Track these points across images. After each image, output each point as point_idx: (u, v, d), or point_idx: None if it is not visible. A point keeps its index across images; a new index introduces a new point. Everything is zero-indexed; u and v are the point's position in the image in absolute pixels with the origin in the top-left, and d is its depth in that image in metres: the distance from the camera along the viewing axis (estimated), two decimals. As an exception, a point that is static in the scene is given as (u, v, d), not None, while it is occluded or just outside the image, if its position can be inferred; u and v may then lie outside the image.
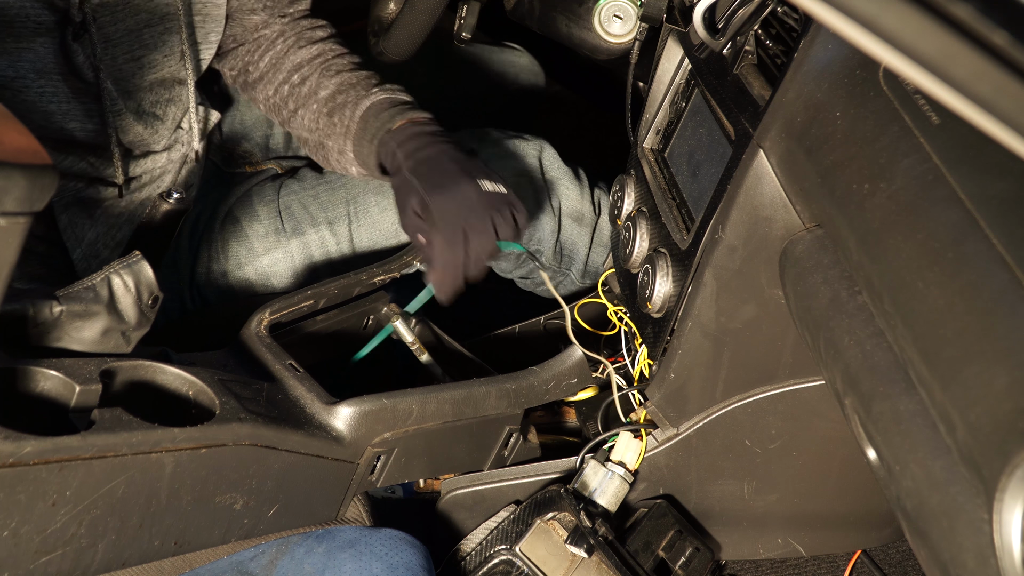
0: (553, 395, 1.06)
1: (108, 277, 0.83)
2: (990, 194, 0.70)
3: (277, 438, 0.86)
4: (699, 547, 1.21)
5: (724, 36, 1.00)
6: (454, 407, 1.00)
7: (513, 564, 1.14)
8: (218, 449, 0.82)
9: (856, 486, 1.26)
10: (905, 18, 0.49)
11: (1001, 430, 0.60)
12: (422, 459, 1.02)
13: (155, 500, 0.80)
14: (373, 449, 0.95)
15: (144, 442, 0.77)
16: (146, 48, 1.17)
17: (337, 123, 1.26)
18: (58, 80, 1.10)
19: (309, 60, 1.30)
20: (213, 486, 0.84)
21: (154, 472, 0.79)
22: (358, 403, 0.93)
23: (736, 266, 1.01)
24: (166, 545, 0.84)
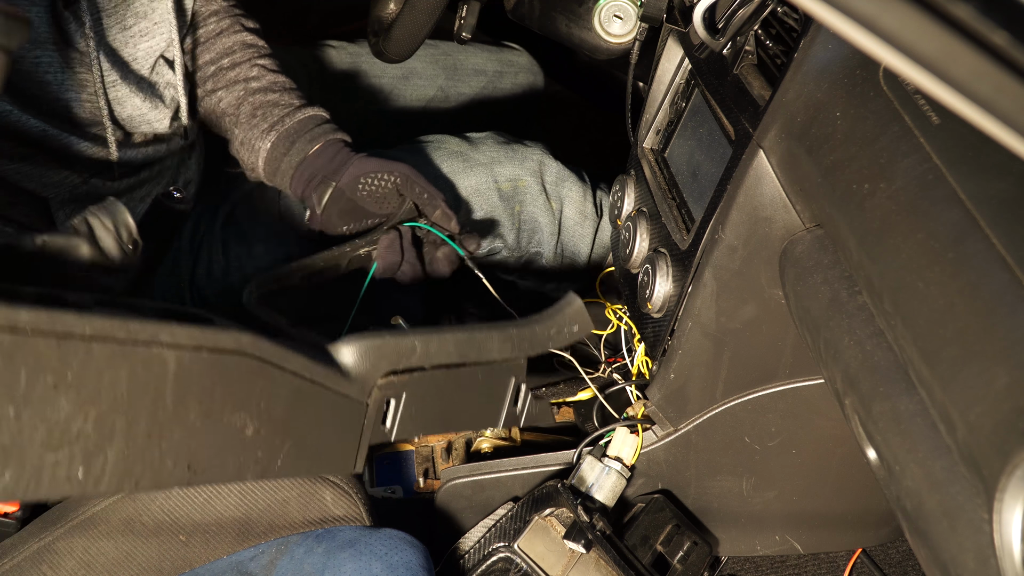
0: (556, 342, 1.06)
1: (85, 217, 0.84)
2: (990, 194, 0.70)
3: (280, 355, 0.86)
4: (697, 541, 1.21)
5: (724, 36, 1.00)
6: (457, 347, 1.00)
7: (512, 561, 1.14)
8: (221, 356, 0.81)
9: (855, 485, 1.26)
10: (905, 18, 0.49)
11: (1001, 430, 0.60)
12: (433, 409, 1.02)
13: (161, 405, 0.79)
14: (381, 391, 0.95)
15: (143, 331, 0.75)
16: (138, 16, 1.18)
17: (259, 118, 1.27)
18: (52, 50, 1.11)
19: (242, 47, 1.31)
20: (220, 400, 0.83)
21: (157, 369, 0.78)
22: (360, 337, 0.93)
23: (736, 266, 1.01)
24: (179, 468, 0.82)
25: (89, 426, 0.75)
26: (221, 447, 0.84)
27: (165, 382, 0.78)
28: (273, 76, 1.29)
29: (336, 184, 1.20)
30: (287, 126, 1.25)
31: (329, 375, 0.91)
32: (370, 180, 1.19)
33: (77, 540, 0.97)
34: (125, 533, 0.98)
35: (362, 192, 1.20)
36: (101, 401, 0.75)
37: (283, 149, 1.25)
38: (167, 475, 0.80)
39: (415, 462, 1.32)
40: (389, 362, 0.95)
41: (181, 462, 0.82)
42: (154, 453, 0.79)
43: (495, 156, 1.45)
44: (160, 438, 0.79)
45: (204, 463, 0.84)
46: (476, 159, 1.45)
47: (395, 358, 0.95)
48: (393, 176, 1.19)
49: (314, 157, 1.23)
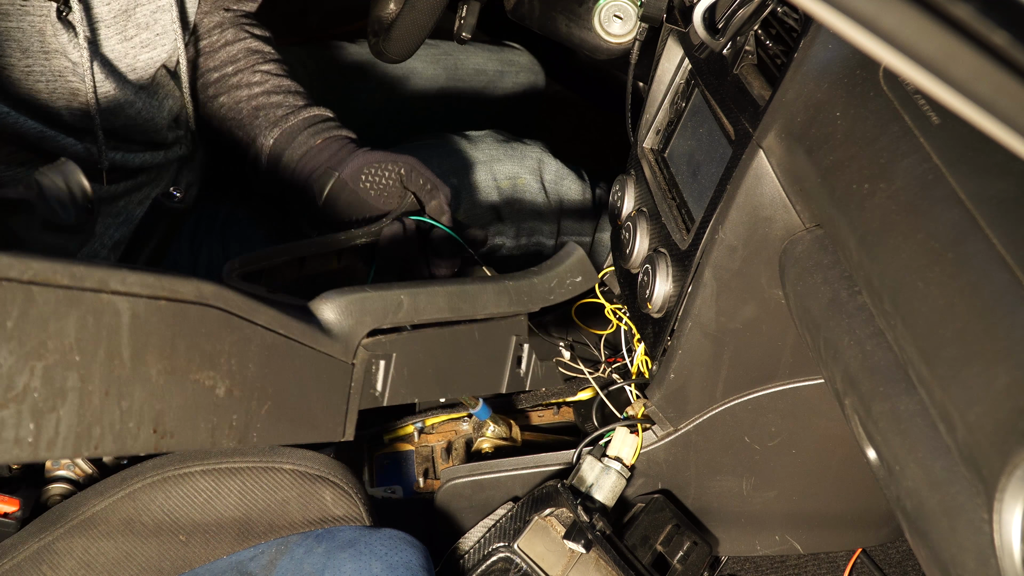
0: (558, 295, 1.01)
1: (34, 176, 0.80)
2: (990, 194, 0.70)
3: (248, 307, 0.79)
4: (697, 541, 1.21)
5: (724, 36, 1.00)
6: (448, 301, 0.93)
7: (512, 561, 1.14)
8: (180, 305, 0.74)
9: (855, 485, 1.26)
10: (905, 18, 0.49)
11: (1001, 430, 0.60)
12: (428, 371, 0.95)
13: (117, 360, 0.72)
14: (367, 351, 0.89)
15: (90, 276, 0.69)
16: (140, 27, 1.17)
17: (261, 118, 1.25)
18: (43, 59, 1.10)
19: (245, 54, 1.30)
20: (184, 356, 0.76)
21: (109, 319, 0.71)
22: (340, 292, 0.88)
23: (736, 266, 1.01)
24: (144, 431, 0.75)
25: (36, 381, 0.68)
26: (190, 409, 0.78)
27: (119, 333, 0.72)
28: (277, 80, 1.28)
29: (339, 175, 1.18)
30: (290, 123, 1.24)
31: (307, 331, 0.84)
32: (373, 171, 1.17)
33: (77, 540, 0.97)
34: (125, 533, 0.98)
35: (365, 184, 1.17)
36: (48, 353, 0.68)
37: (284, 144, 1.23)
38: (131, 438, 0.74)
39: (415, 462, 1.32)
40: (374, 318, 0.89)
41: (146, 424, 0.75)
42: (114, 414, 0.73)
43: (494, 154, 1.45)
44: (119, 397, 0.73)
45: (172, 426, 0.77)
46: (475, 157, 1.45)
47: (380, 314, 0.89)
48: (397, 167, 1.17)
49: (317, 151, 1.22)
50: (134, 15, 1.16)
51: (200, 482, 1.00)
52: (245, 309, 0.79)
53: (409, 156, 1.18)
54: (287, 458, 1.03)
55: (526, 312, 1.01)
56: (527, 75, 1.79)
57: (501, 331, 1.01)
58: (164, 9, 1.18)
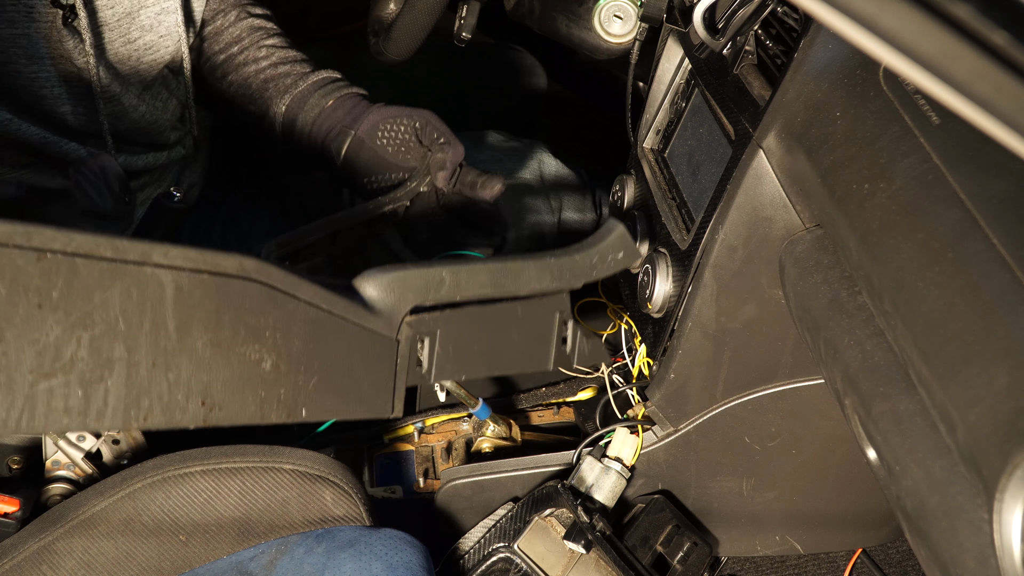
0: (600, 271, 1.00)
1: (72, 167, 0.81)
2: (990, 194, 0.70)
3: (290, 283, 0.80)
4: (697, 542, 1.21)
5: (724, 36, 1.00)
6: (490, 277, 0.93)
7: (512, 561, 1.14)
8: (224, 279, 0.76)
9: (855, 485, 1.26)
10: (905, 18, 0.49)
11: (1001, 430, 0.60)
12: (473, 348, 0.96)
13: (163, 332, 0.74)
14: (411, 328, 0.90)
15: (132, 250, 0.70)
16: (143, 30, 1.17)
17: (271, 90, 1.24)
18: (49, 65, 1.10)
19: (249, 32, 1.30)
20: (230, 328, 0.78)
21: (153, 291, 0.72)
22: (382, 270, 0.88)
23: (736, 266, 1.01)
24: (192, 403, 0.77)
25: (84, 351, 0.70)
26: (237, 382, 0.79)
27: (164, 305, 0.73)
28: (283, 52, 1.28)
29: (355, 133, 1.17)
30: (300, 88, 1.23)
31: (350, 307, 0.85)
32: (389, 126, 1.15)
33: (77, 540, 0.97)
34: (125, 533, 0.98)
35: (382, 140, 1.15)
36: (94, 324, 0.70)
37: (297, 110, 1.22)
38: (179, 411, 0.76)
39: (415, 462, 1.32)
40: (416, 294, 0.90)
41: (194, 397, 0.77)
42: (162, 385, 0.75)
43: (495, 154, 1.45)
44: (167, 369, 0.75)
45: (219, 399, 0.78)
46: (476, 157, 1.45)
47: (422, 290, 0.90)
48: (412, 120, 1.15)
49: (331, 110, 1.20)
50: (138, 18, 1.16)
51: (200, 482, 1.00)
52: (288, 284, 0.80)
53: (425, 110, 1.16)
54: (287, 458, 1.03)
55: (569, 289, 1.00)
56: (529, 76, 1.79)
57: (544, 308, 1.00)
58: (169, 11, 1.18)
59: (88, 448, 1.07)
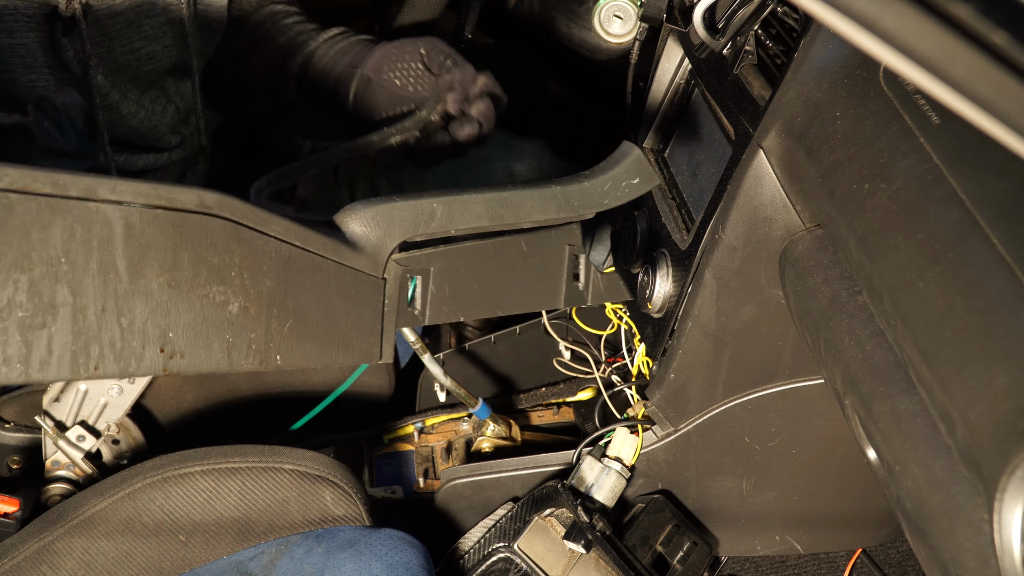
0: (612, 199, 0.93)
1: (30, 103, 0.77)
2: (990, 194, 0.70)
3: (258, 218, 0.73)
4: (697, 541, 1.21)
5: (724, 36, 1.00)
6: (488, 208, 0.85)
7: (512, 561, 1.14)
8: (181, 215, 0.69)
9: (855, 485, 1.26)
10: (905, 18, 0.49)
11: (1001, 430, 0.60)
12: (472, 287, 0.88)
13: (113, 273, 0.67)
14: (400, 266, 0.83)
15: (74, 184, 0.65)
16: (146, 39, 1.16)
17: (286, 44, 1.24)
18: (47, 74, 1.10)
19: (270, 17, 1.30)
20: (190, 269, 0.71)
21: (99, 229, 0.66)
22: (366, 203, 0.82)
23: (736, 266, 1.01)
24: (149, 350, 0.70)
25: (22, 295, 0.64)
26: (200, 326, 0.72)
27: (113, 245, 0.67)
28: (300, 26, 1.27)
29: (361, 72, 1.15)
30: (311, 46, 1.23)
31: (327, 244, 0.79)
32: (394, 59, 1.13)
33: (77, 540, 0.97)
34: (125, 533, 0.98)
35: (389, 75, 1.13)
36: (32, 266, 0.65)
37: (307, 63, 1.22)
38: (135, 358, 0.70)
39: (415, 462, 1.32)
40: (403, 229, 0.82)
41: (151, 343, 0.70)
42: (113, 331, 0.68)
43: (493, 151, 1.45)
44: (118, 313, 0.68)
45: (181, 345, 0.72)
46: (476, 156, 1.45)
47: (410, 224, 0.82)
48: (416, 47, 1.12)
49: (338, 56, 1.19)
50: (141, 27, 1.15)
51: (200, 482, 1.00)
52: (255, 219, 0.74)
53: (430, 37, 1.13)
54: (287, 458, 1.03)
55: (579, 219, 0.92)
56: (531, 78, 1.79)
57: (552, 241, 0.92)
58: (174, 22, 1.17)
59: (88, 448, 1.08)
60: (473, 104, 1.10)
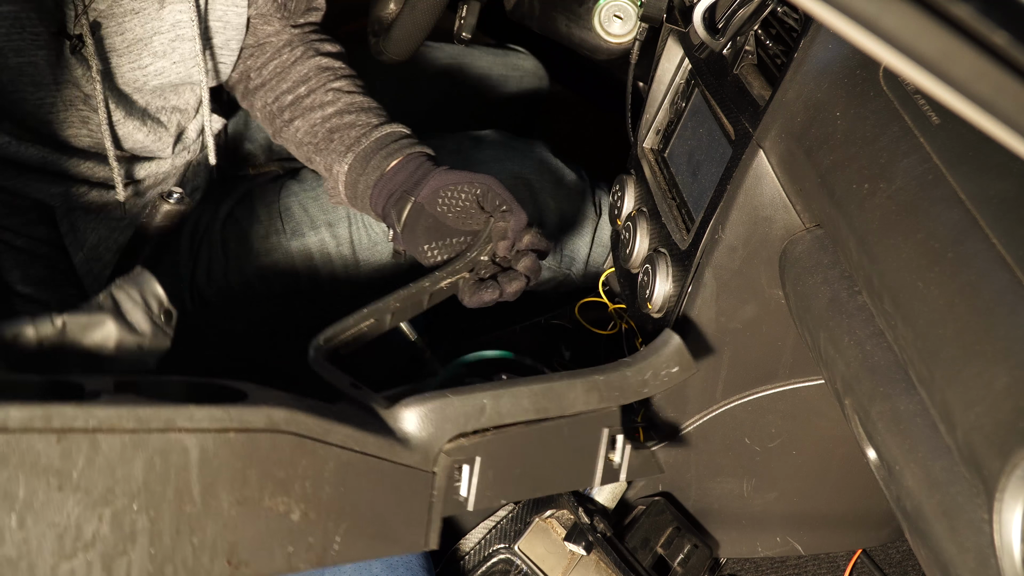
0: (652, 388, 0.97)
1: (110, 291, 0.78)
2: (990, 194, 0.70)
3: (322, 428, 0.77)
4: (697, 544, 1.21)
5: (724, 36, 1.00)
6: (533, 401, 0.90)
7: (512, 563, 1.14)
8: (250, 435, 0.73)
9: (856, 485, 1.26)
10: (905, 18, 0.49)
11: (1001, 430, 0.60)
12: (514, 471, 0.93)
13: (188, 497, 0.72)
14: (449, 457, 0.87)
15: (155, 417, 0.68)
16: (155, 56, 1.16)
17: (336, 141, 1.23)
18: (55, 91, 1.10)
19: (316, 72, 1.28)
20: (256, 485, 0.75)
21: (177, 458, 0.70)
22: (420, 400, 0.85)
23: (736, 266, 1.01)
24: (218, 564, 0.74)
25: (105, 528, 0.68)
26: (264, 536, 0.77)
27: (189, 471, 0.72)
28: (350, 97, 1.25)
29: (415, 199, 1.14)
30: (363, 146, 1.20)
31: (383, 445, 0.82)
32: (450, 193, 1.12)
33: None
34: None
35: (442, 207, 1.12)
36: (116, 499, 0.68)
37: (360, 169, 1.20)
38: (203, 573, 0.74)
39: (415, 462, 1.32)
40: (455, 425, 0.87)
41: (219, 557, 0.74)
42: (186, 550, 0.72)
43: (496, 154, 1.45)
44: (191, 533, 0.73)
45: (246, 555, 0.76)
46: (478, 157, 1.45)
47: (462, 420, 0.87)
48: (473, 188, 1.12)
49: (392, 173, 1.18)
50: (150, 44, 1.15)
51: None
52: (318, 431, 0.78)
53: (488, 176, 1.13)
54: None
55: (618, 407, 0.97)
56: (532, 79, 1.79)
57: (591, 424, 0.97)
58: (185, 39, 1.17)
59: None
60: (520, 260, 1.11)
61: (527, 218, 1.10)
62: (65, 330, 0.75)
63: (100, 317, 0.77)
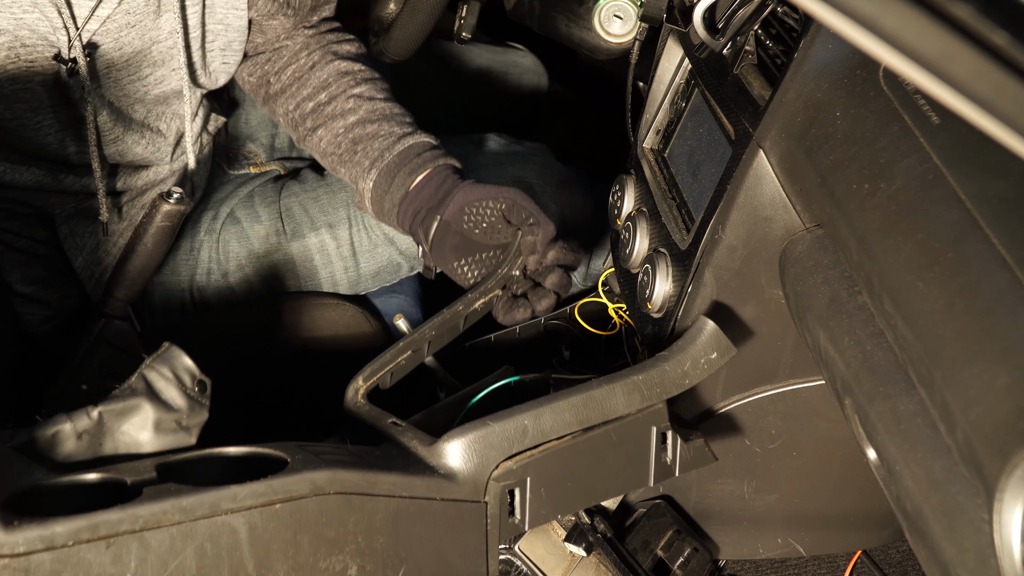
0: (693, 378, 0.97)
1: (141, 373, 0.78)
2: (990, 194, 0.70)
3: (367, 482, 0.78)
4: (697, 547, 1.21)
5: (724, 36, 1.00)
6: (575, 413, 0.90)
7: (512, 563, 1.14)
8: (297, 503, 0.73)
9: (856, 486, 1.26)
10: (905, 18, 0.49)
11: (1001, 430, 0.60)
12: (566, 484, 0.92)
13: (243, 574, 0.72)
14: (498, 483, 0.87)
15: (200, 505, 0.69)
16: (155, 65, 1.16)
17: (359, 154, 1.22)
18: (51, 116, 1.10)
19: (337, 77, 1.27)
20: (309, 550, 0.75)
21: (227, 539, 0.71)
22: (460, 433, 0.85)
23: (736, 266, 1.01)
24: None
25: None
26: None
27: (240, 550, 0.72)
28: (371, 104, 1.24)
29: (441, 217, 1.13)
30: (387, 161, 1.20)
31: (431, 485, 0.82)
32: (475, 210, 1.12)
33: None
34: None
35: (468, 224, 1.12)
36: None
37: (385, 186, 1.20)
38: None
39: (415, 463, 1.32)
40: (500, 451, 0.87)
41: None
42: None
43: (498, 157, 1.45)
44: None
45: None
46: (479, 160, 1.45)
47: (506, 445, 0.87)
48: (499, 203, 1.11)
49: (416, 190, 1.17)
50: (149, 53, 1.15)
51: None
52: (363, 484, 0.78)
53: (512, 189, 1.12)
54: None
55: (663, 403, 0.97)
56: (532, 76, 1.79)
57: (639, 425, 0.96)
58: (181, 46, 1.17)
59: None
60: (548, 276, 1.11)
61: (555, 229, 1.09)
62: (102, 420, 0.75)
63: (135, 402, 0.77)
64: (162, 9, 1.12)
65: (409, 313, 1.44)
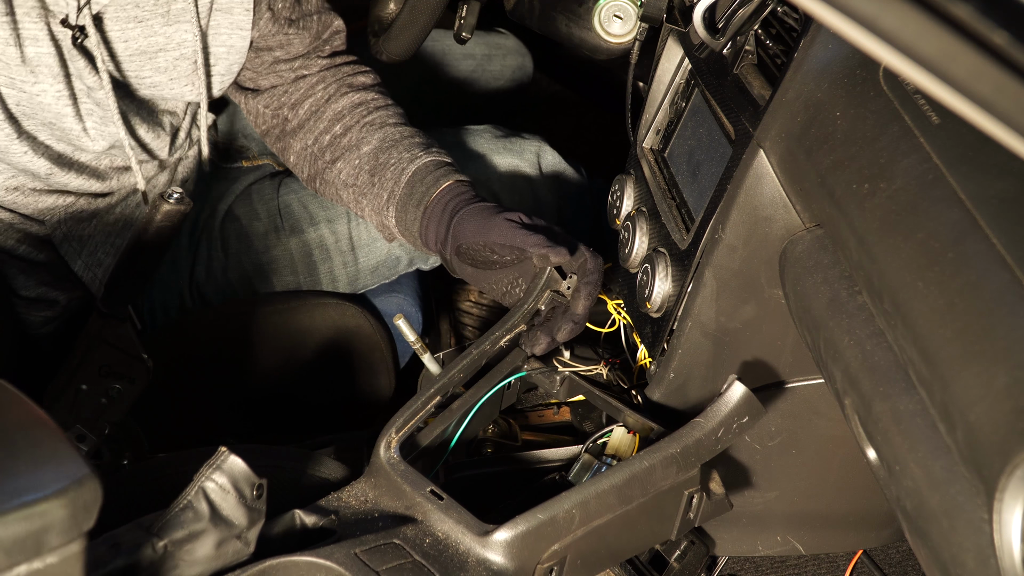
0: (725, 442, 0.99)
1: (201, 487, 0.78)
2: (990, 194, 0.70)
3: None
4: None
5: (724, 36, 1.00)
6: (619, 495, 0.93)
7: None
8: None
9: (856, 485, 1.26)
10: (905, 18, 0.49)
11: (1001, 430, 0.60)
12: (600, 554, 0.95)
13: None
14: (543, 566, 0.89)
15: None
16: (157, 71, 1.17)
17: (377, 184, 1.23)
18: (61, 82, 1.11)
19: (351, 108, 1.28)
20: None
21: None
22: (514, 527, 0.87)
23: (736, 266, 1.01)
24: None
25: None
26: None
27: None
28: (382, 132, 1.26)
29: (448, 256, 1.17)
30: (398, 196, 1.22)
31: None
32: (470, 249, 1.14)
33: None
34: None
35: (472, 260, 1.15)
36: None
37: (404, 222, 1.22)
38: None
39: (415, 462, 1.32)
40: (549, 541, 0.88)
41: None
42: None
43: (493, 147, 1.45)
44: None
45: None
46: (474, 151, 1.45)
47: (554, 536, 0.89)
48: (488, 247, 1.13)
49: (425, 226, 1.20)
50: (155, 59, 1.16)
51: None
52: None
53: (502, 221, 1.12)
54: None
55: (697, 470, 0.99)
56: (515, 57, 1.79)
57: (673, 492, 0.99)
58: (186, 57, 1.18)
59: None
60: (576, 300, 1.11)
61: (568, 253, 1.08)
62: (166, 552, 0.75)
63: (198, 527, 0.76)
64: (172, 19, 1.13)
65: (409, 313, 1.44)
